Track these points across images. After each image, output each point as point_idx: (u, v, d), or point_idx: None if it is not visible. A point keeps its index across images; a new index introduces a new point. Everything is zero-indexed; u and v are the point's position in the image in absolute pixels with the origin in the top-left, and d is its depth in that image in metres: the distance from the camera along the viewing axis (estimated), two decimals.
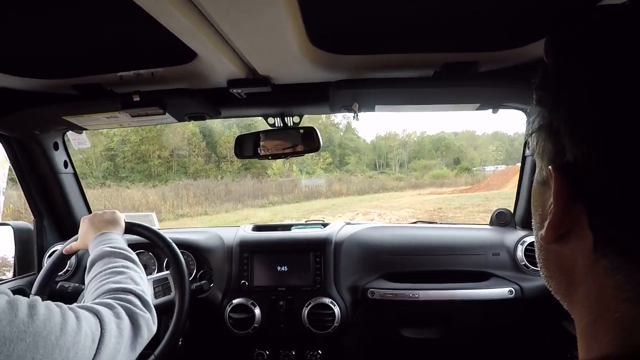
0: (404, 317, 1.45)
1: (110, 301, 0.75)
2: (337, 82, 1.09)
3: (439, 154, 34.54)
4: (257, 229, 1.62)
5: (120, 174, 22.16)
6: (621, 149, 0.27)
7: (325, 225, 1.62)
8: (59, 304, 0.63)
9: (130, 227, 1.16)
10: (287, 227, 1.63)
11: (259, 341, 1.46)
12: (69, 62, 0.98)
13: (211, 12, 0.68)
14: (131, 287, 0.82)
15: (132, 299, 0.79)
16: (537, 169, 0.34)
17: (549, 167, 0.31)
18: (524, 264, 1.40)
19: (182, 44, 0.79)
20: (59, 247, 1.18)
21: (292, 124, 1.35)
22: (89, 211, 1.67)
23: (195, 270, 1.53)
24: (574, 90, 0.30)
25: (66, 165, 1.56)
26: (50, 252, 1.52)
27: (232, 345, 1.50)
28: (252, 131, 1.34)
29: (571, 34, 0.31)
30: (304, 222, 1.68)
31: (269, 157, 1.33)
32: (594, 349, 0.30)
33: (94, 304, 0.73)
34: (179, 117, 1.26)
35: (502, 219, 1.56)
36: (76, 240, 1.10)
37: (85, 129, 1.36)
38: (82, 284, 0.97)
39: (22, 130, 1.36)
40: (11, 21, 0.76)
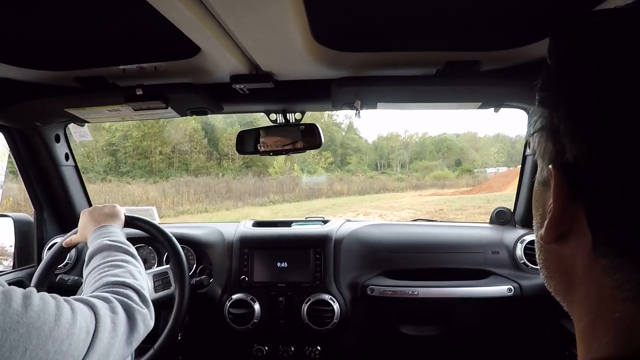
0: (403, 314, 1.46)
1: (107, 295, 0.75)
2: (340, 79, 1.09)
3: (440, 155, 34.49)
4: (257, 224, 1.63)
5: (121, 170, 22.18)
6: (621, 149, 0.27)
7: (325, 222, 1.63)
8: (54, 295, 0.63)
9: (130, 221, 1.15)
10: (288, 224, 1.63)
11: (258, 337, 1.46)
12: (72, 54, 0.98)
13: (216, 7, 0.68)
14: (129, 281, 0.81)
15: (129, 293, 0.78)
16: (539, 169, 0.34)
17: (549, 166, 0.31)
18: (523, 262, 1.40)
19: (186, 38, 0.79)
20: (59, 240, 1.18)
21: (293, 121, 1.36)
22: (89, 204, 1.67)
23: (195, 265, 1.53)
24: (574, 90, 0.30)
25: (67, 157, 1.56)
26: (50, 244, 1.52)
27: (231, 340, 1.50)
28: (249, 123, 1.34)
29: (574, 35, 0.31)
30: (304, 218, 1.69)
31: (270, 153, 1.33)
32: (593, 350, 0.30)
33: (90, 297, 0.72)
34: (181, 112, 1.26)
35: (501, 218, 1.56)
36: (76, 233, 1.10)
37: (87, 122, 1.36)
38: (82, 277, 0.97)
39: (24, 121, 1.36)
40: (15, 12, 0.76)
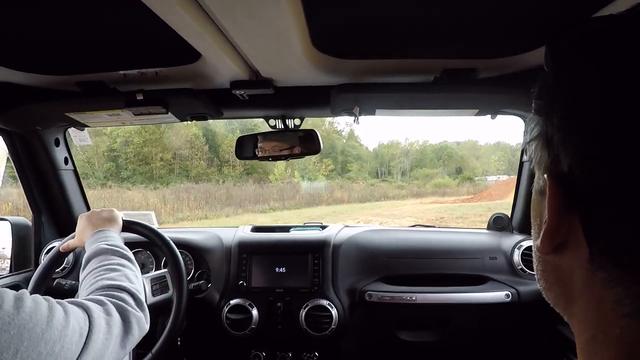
0: (401, 320, 1.45)
1: (101, 298, 0.75)
2: (339, 86, 1.10)
3: (441, 163, 34.52)
4: (256, 230, 1.63)
5: (121, 175, 22.19)
6: (616, 159, 0.26)
7: (323, 227, 1.63)
8: (47, 297, 0.63)
9: (128, 225, 1.15)
10: (286, 229, 1.64)
11: (255, 342, 1.45)
12: (74, 59, 0.99)
13: (217, 14, 0.69)
14: (125, 284, 0.81)
15: (124, 296, 0.78)
16: (535, 178, 0.34)
17: (544, 175, 0.31)
18: (520, 268, 1.40)
19: (187, 44, 0.80)
20: (57, 244, 1.17)
21: (293, 127, 1.37)
22: (88, 208, 1.66)
23: (193, 270, 1.53)
24: (569, 98, 0.29)
25: (67, 161, 1.56)
26: (47, 248, 1.51)
27: (228, 346, 1.50)
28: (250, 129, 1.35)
29: (570, 42, 0.31)
30: (303, 224, 1.69)
31: (269, 159, 1.34)
32: None
33: (85, 299, 0.72)
34: (181, 117, 1.27)
35: (499, 224, 1.57)
36: (73, 237, 1.09)
37: (87, 126, 1.37)
38: (79, 281, 0.97)
39: (24, 125, 1.36)
40: (17, 17, 0.77)
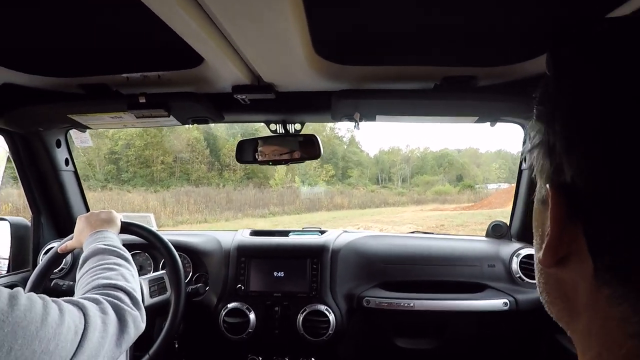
0: (398, 327, 1.45)
1: (97, 296, 0.75)
2: (340, 92, 1.11)
3: (441, 170, 34.47)
4: (254, 233, 1.63)
5: (122, 178, 22.20)
6: (622, 169, 0.25)
7: (322, 232, 1.63)
8: (42, 295, 0.63)
9: (126, 227, 1.16)
10: (285, 233, 1.64)
11: (252, 346, 1.45)
12: (78, 61, 1.00)
13: (220, 19, 0.69)
14: (121, 283, 0.82)
15: (120, 295, 0.79)
16: (537, 187, 0.33)
17: (547, 185, 0.30)
18: (519, 276, 1.40)
19: (190, 49, 0.81)
20: (55, 245, 1.18)
21: (293, 131, 1.37)
22: (87, 210, 1.67)
23: (191, 273, 1.53)
24: (572, 104, 0.28)
25: (67, 163, 1.57)
26: (46, 249, 1.52)
27: (225, 349, 1.49)
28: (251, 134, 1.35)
29: (573, 45, 0.29)
30: (302, 228, 1.69)
31: (269, 163, 1.34)
32: None
33: (81, 298, 0.72)
34: (183, 120, 1.28)
35: (497, 231, 1.57)
36: (72, 239, 1.10)
37: (89, 128, 1.38)
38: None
39: (26, 126, 1.37)
40: (22, 19, 0.78)
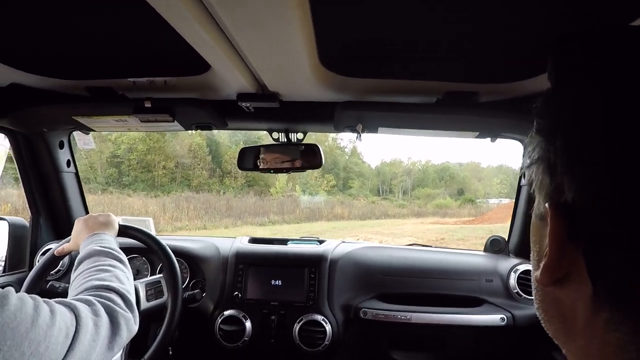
0: (395, 340, 1.44)
1: (89, 298, 0.74)
2: (344, 103, 1.12)
3: (442, 183, 34.40)
4: (253, 241, 1.63)
5: (123, 182, 22.20)
6: (627, 190, 0.23)
7: (321, 242, 1.63)
8: (33, 296, 0.63)
9: (124, 230, 1.15)
10: (284, 242, 1.64)
11: (248, 355, 1.43)
12: (85, 64, 1.01)
13: (229, 27, 0.70)
14: (114, 285, 0.81)
15: (113, 297, 0.78)
16: (536, 202, 0.32)
17: (546, 204, 0.29)
18: (516, 291, 1.39)
19: (197, 56, 0.82)
20: (53, 246, 1.18)
21: (295, 140, 1.38)
22: (87, 212, 1.67)
23: (188, 278, 1.52)
24: (573, 117, 0.27)
25: (69, 164, 1.57)
26: (43, 250, 1.51)
27: (220, 358, 1.48)
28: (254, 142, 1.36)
29: (577, 53, 0.28)
30: (300, 237, 1.69)
31: (270, 171, 1.35)
32: None
33: (73, 299, 0.72)
34: (187, 126, 1.29)
35: (496, 246, 1.57)
36: (69, 241, 1.10)
37: (92, 130, 1.39)
38: None
39: (31, 126, 1.38)
40: (32, 22, 0.79)
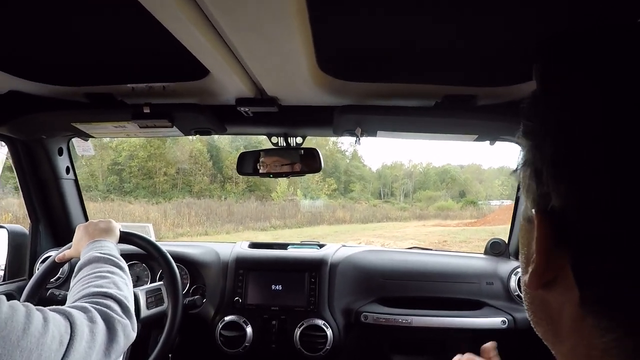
0: (396, 343, 1.44)
1: (85, 305, 0.74)
2: (342, 107, 1.12)
3: (444, 185, 34.35)
4: (253, 246, 1.63)
5: (124, 189, 22.22)
6: (615, 197, 0.23)
7: (321, 246, 1.63)
8: (26, 304, 0.63)
9: (125, 237, 1.15)
10: (284, 246, 1.64)
11: None
12: (84, 71, 1.01)
13: (228, 32, 0.70)
14: (112, 291, 0.81)
15: (110, 303, 0.78)
16: (524, 205, 0.31)
17: (533, 210, 0.29)
18: (517, 294, 1.39)
19: (196, 61, 0.82)
20: (53, 253, 1.17)
21: (295, 145, 1.39)
22: (86, 219, 1.66)
23: (188, 284, 1.52)
24: (560, 126, 0.26)
25: (68, 171, 1.57)
26: (43, 257, 1.50)
27: None
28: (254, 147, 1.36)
29: (559, 60, 0.28)
30: (300, 242, 1.69)
31: (270, 175, 1.35)
32: None
33: (68, 306, 0.72)
34: (186, 131, 1.29)
35: (496, 249, 1.56)
36: (70, 248, 1.10)
37: (92, 137, 1.39)
38: None
39: (30, 133, 1.37)
40: (30, 29, 0.79)
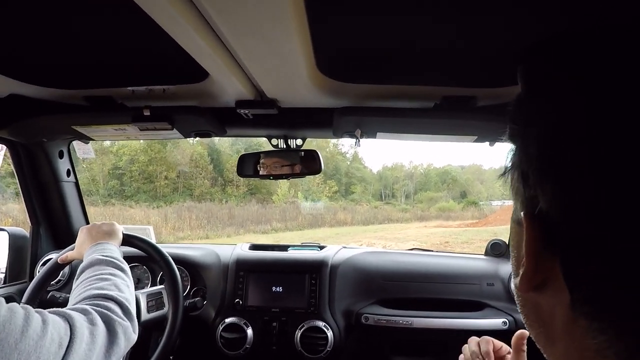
0: (397, 345, 1.43)
1: (86, 307, 0.74)
2: (342, 109, 1.12)
3: (445, 186, 34.22)
4: (253, 248, 1.63)
5: (125, 193, 22.21)
6: (600, 199, 0.23)
7: (321, 247, 1.63)
8: (25, 306, 0.63)
9: (127, 239, 1.15)
10: (284, 248, 1.64)
11: None
12: (84, 74, 1.01)
13: (227, 36, 0.71)
14: (113, 293, 0.81)
15: (111, 305, 0.78)
16: (513, 207, 0.31)
17: (521, 213, 0.28)
18: None
19: (195, 64, 0.82)
20: (53, 256, 1.18)
21: (295, 146, 1.39)
22: (87, 221, 1.67)
23: (189, 286, 1.52)
24: (545, 130, 0.26)
25: (69, 174, 1.57)
26: (43, 260, 1.51)
27: None
28: (254, 150, 1.37)
29: (543, 63, 0.28)
30: (301, 243, 1.69)
31: (270, 177, 1.35)
32: None
33: (68, 309, 0.72)
34: (186, 134, 1.29)
35: (496, 250, 1.56)
36: (72, 249, 1.10)
37: (92, 139, 1.39)
38: None
39: (30, 136, 1.38)
40: (29, 31, 0.79)
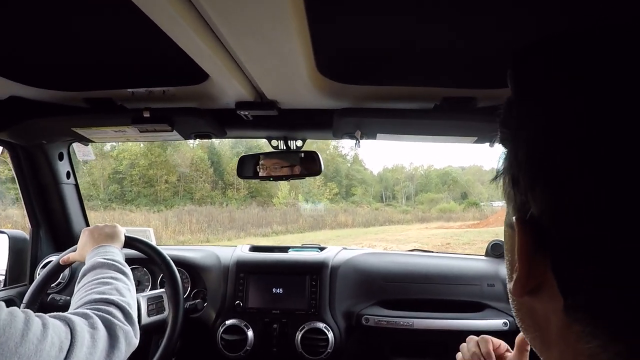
0: (397, 346, 1.43)
1: (87, 311, 0.74)
2: (342, 110, 1.12)
3: (446, 187, 34.19)
4: (254, 249, 1.63)
5: (126, 197, 22.20)
6: (591, 205, 0.23)
7: (322, 249, 1.63)
8: (25, 310, 0.63)
9: (129, 242, 1.16)
10: (284, 249, 1.64)
11: None
12: (84, 76, 1.01)
13: (227, 37, 0.71)
14: (114, 298, 0.81)
15: (112, 310, 0.78)
16: (506, 211, 0.31)
17: (513, 218, 0.28)
18: None
19: (195, 66, 0.82)
20: (54, 258, 1.17)
21: (294, 148, 1.39)
22: (87, 223, 1.67)
23: (189, 288, 1.52)
24: (534, 130, 0.26)
25: (69, 176, 1.57)
26: (43, 262, 1.50)
27: None
28: (254, 152, 1.37)
29: (533, 65, 0.27)
30: (301, 245, 1.69)
31: (270, 179, 1.35)
32: None
33: (69, 313, 0.72)
34: (186, 135, 1.29)
35: (497, 251, 1.56)
36: (74, 251, 1.10)
37: (92, 141, 1.39)
38: None
39: (30, 139, 1.38)
40: (29, 33, 0.79)
